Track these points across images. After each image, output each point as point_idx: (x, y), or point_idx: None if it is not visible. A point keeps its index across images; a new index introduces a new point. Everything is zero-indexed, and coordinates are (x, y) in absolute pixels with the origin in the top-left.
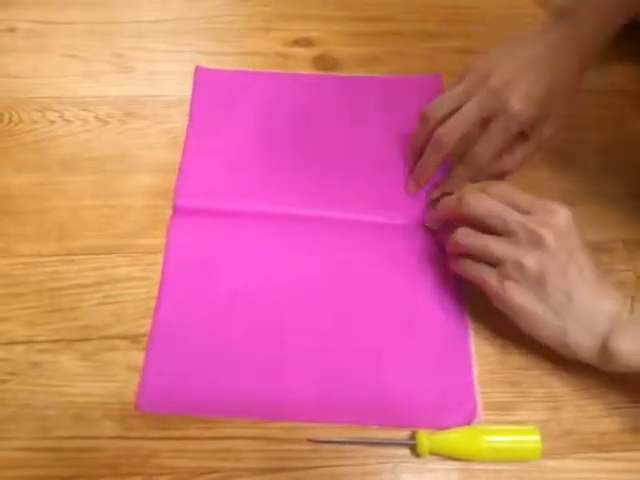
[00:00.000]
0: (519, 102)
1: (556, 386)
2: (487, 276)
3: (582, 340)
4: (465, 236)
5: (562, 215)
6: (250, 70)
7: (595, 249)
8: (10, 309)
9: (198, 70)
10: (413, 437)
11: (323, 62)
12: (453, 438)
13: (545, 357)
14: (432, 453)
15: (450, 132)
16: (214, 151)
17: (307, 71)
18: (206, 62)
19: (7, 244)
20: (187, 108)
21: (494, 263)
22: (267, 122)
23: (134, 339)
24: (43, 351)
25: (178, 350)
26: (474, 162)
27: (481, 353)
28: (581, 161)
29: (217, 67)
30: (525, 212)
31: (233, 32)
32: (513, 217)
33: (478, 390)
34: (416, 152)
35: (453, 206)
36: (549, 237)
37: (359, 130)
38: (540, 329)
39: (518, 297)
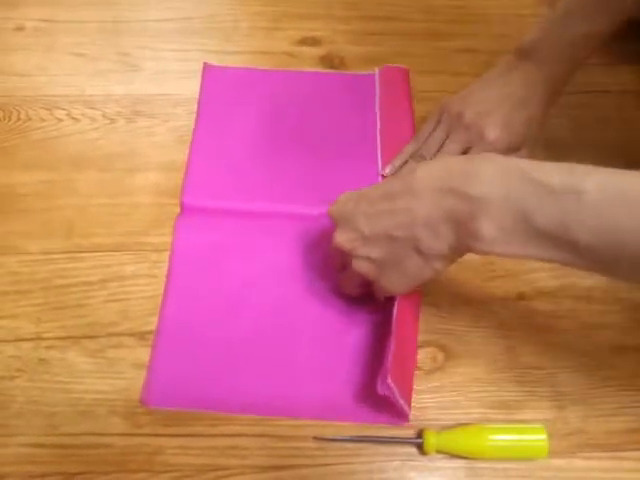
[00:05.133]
0: (495, 131)
1: (562, 385)
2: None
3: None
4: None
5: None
6: (257, 68)
7: None
8: (18, 306)
9: (206, 67)
10: (420, 435)
11: (330, 61)
12: (460, 436)
13: (552, 356)
14: (438, 451)
15: None
16: (220, 149)
17: (313, 70)
18: (212, 61)
19: (15, 241)
20: (194, 107)
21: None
22: (273, 120)
23: (141, 336)
24: (50, 348)
25: (184, 347)
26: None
27: (488, 352)
28: (586, 162)
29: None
30: None
31: (240, 31)
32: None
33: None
34: None
35: None
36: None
37: (361, 127)
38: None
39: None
